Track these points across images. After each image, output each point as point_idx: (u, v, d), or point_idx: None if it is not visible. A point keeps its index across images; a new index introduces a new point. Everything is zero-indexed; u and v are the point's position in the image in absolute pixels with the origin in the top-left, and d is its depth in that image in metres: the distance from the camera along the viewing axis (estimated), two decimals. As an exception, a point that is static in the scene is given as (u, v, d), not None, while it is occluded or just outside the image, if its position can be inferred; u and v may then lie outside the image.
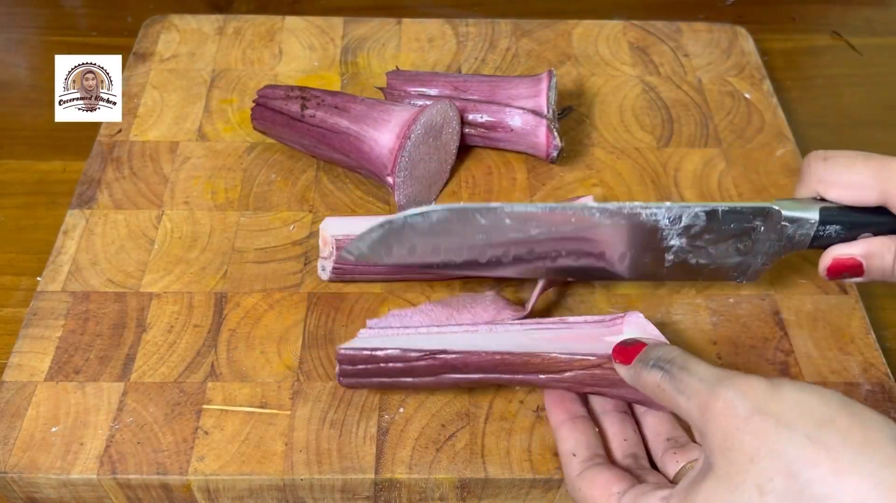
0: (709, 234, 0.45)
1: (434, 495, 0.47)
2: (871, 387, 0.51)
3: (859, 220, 0.45)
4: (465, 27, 0.74)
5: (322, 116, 0.57)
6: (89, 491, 0.46)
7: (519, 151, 0.62)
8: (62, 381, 0.49)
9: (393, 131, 0.55)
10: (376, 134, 0.55)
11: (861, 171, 0.43)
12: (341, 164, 0.59)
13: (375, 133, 0.55)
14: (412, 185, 0.56)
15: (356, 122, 0.56)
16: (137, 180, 0.60)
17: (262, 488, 0.46)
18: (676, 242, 0.46)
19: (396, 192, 0.55)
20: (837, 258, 0.45)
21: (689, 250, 0.46)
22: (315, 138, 0.58)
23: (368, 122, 0.56)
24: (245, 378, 0.49)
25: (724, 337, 0.53)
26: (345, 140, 0.56)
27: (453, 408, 0.49)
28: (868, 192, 0.43)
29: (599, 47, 0.73)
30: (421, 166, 0.56)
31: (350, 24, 0.74)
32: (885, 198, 0.43)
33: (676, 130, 0.66)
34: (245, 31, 0.72)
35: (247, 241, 0.57)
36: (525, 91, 0.60)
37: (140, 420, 0.47)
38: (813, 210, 0.45)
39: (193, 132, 0.64)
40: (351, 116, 0.56)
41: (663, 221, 0.45)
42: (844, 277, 0.46)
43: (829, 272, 0.46)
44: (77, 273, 0.54)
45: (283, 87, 0.60)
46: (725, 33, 0.74)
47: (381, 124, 0.55)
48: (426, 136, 0.56)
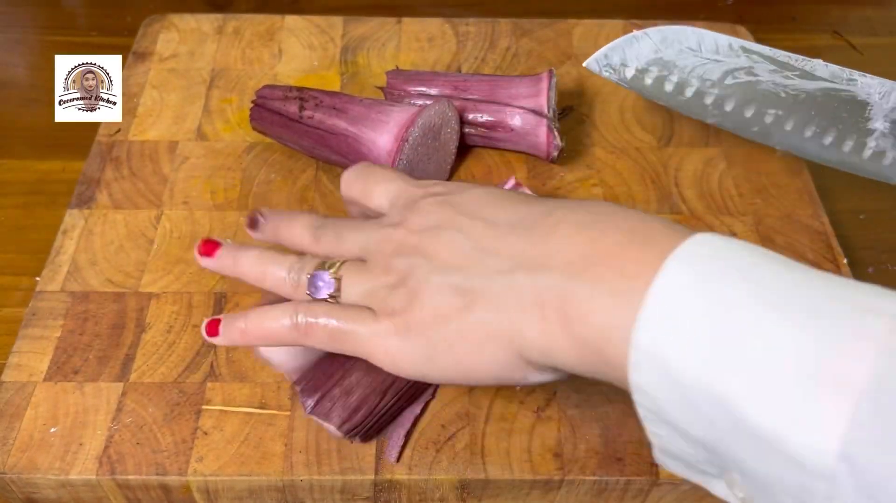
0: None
1: (434, 496, 0.47)
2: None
3: None
4: (465, 27, 0.74)
5: (320, 117, 0.57)
6: (88, 491, 0.46)
7: (519, 151, 0.62)
8: (61, 382, 0.49)
9: (391, 132, 0.54)
10: (374, 135, 0.55)
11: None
12: (340, 164, 0.59)
13: (373, 134, 0.55)
14: None
15: (354, 123, 0.56)
16: (136, 180, 0.60)
17: (261, 489, 0.46)
18: (880, 126, 0.44)
19: None
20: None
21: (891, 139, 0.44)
22: (313, 139, 0.58)
23: (366, 123, 0.56)
24: (244, 378, 0.49)
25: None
26: (343, 141, 0.56)
27: (453, 408, 0.48)
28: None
29: (600, 47, 0.72)
30: (419, 167, 0.56)
31: (350, 23, 0.73)
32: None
33: (677, 130, 0.65)
34: (244, 31, 0.72)
35: (246, 241, 0.56)
36: (525, 90, 0.60)
37: (139, 420, 0.47)
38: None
39: (193, 132, 0.64)
40: (349, 118, 0.56)
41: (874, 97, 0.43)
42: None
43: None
44: (76, 273, 0.54)
45: (281, 88, 0.60)
46: (726, 33, 0.74)
47: (379, 125, 0.55)
48: (424, 137, 0.56)
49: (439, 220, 0.39)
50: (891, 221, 0.65)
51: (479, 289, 0.37)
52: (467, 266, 0.37)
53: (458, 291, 0.37)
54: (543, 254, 0.35)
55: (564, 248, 0.35)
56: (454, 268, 0.37)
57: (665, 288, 0.30)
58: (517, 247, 0.36)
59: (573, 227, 0.35)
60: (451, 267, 0.38)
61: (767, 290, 0.29)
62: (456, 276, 0.37)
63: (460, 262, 0.38)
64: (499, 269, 0.36)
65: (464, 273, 0.37)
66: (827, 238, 0.58)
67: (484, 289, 0.36)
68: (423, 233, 0.39)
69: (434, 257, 0.38)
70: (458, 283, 0.37)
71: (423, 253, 0.39)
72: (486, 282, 0.36)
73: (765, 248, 0.31)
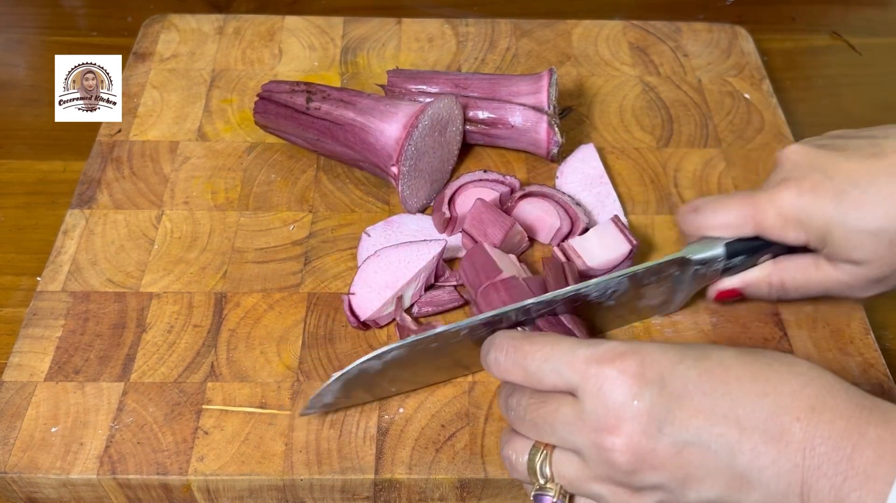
0: (636, 290, 0.49)
1: (434, 495, 0.47)
2: (870, 387, 0.51)
3: (757, 246, 0.49)
4: (465, 27, 0.74)
5: (327, 108, 0.57)
6: (89, 491, 0.46)
7: (518, 149, 0.62)
8: (62, 381, 0.49)
9: (400, 122, 0.55)
10: (383, 125, 0.55)
11: (731, 212, 0.48)
12: (343, 157, 0.59)
13: (382, 124, 0.55)
14: (415, 176, 0.56)
15: (362, 114, 0.56)
16: (137, 180, 0.60)
17: (261, 488, 0.46)
18: (611, 303, 0.49)
19: (400, 183, 0.55)
20: (721, 290, 0.52)
21: (620, 306, 0.50)
22: (318, 131, 0.58)
23: (375, 114, 0.56)
24: (245, 378, 0.49)
25: (724, 337, 0.53)
26: (350, 131, 0.57)
27: (453, 408, 0.49)
28: (744, 228, 0.48)
29: (599, 47, 0.73)
30: (425, 159, 0.57)
31: (350, 23, 0.74)
32: (758, 229, 0.48)
33: (676, 130, 0.66)
34: (245, 31, 0.72)
35: (247, 241, 0.57)
36: (526, 88, 0.60)
37: (140, 420, 0.47)
38: (718, 248, 0.49)
39: (193, 132, 0.64)
40: (357, 109, 0.57)
41: (594, 295, 0.47)
42: (730, 302, 0.53)
43: (717, 299, 0.52)
44: (77, 273, 0.54)
45: (288, 82, 0.60)
46: (725, 33, 0.74)
47: (388, 116, 0.56)
48: (432, 128, 0.56)
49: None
50: (890, 221, 0.65)
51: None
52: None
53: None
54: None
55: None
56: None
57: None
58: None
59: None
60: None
61: None
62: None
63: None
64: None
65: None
66: (826, 238, 0.59)
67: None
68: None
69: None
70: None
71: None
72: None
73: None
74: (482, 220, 0.54)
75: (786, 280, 0.50)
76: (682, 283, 0.50)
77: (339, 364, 0.50)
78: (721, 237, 0.49)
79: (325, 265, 0.55)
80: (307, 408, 0.46)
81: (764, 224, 0.47)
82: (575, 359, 0.37)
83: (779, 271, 0.50)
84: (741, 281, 0.51)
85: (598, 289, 0.46)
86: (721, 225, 0.48)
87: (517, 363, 0.39)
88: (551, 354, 0.38)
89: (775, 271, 0.50)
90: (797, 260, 0.50)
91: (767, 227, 0.47)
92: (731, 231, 0.48)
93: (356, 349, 0.51)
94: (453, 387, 0.49)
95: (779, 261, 0.50)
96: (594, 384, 0.36)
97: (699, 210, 0.50)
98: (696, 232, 0.50)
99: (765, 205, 0.47)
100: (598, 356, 0.36)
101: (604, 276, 0.46)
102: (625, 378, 0.36)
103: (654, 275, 0.48)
